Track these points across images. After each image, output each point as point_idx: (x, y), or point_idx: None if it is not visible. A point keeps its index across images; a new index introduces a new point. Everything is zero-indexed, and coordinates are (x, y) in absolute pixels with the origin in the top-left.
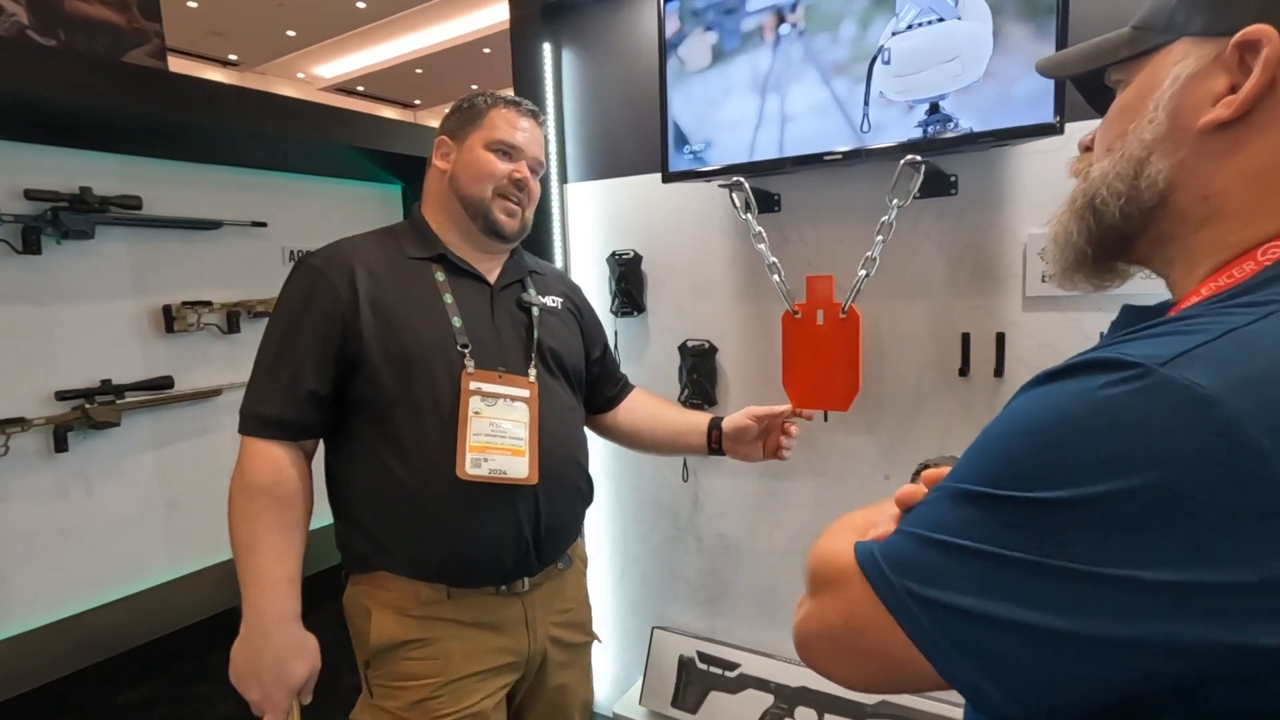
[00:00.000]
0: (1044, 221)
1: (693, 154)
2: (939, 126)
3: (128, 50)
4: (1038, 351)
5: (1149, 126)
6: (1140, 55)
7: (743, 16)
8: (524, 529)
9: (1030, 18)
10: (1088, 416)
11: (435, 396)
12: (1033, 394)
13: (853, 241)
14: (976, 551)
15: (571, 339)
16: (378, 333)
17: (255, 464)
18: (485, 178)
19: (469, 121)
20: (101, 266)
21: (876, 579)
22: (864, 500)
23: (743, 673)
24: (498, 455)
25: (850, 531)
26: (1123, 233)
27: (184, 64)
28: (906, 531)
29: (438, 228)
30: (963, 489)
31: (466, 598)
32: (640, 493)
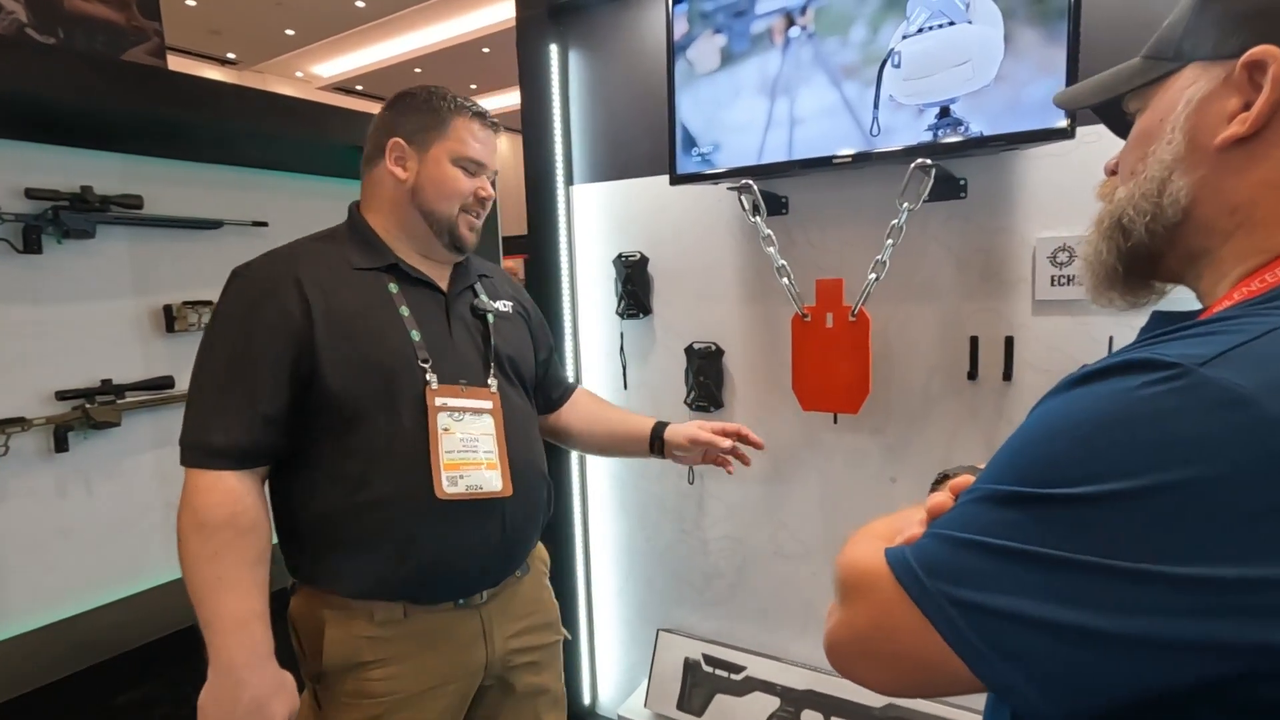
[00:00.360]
0: (1054, 225)
1: (701, 156)
2: (949, 130)
3: (127, 49)
4: (1047, 355)
5: (1167, 148)
6: (1152, 83)
7: (752, 19)
8: (491, 543)
9: (1041, 22)
10: (1126, 415)
11: (400, 414)
12: (1066, 396)
13: (861, 244)
14: (1014, 551)
15: (523, 343)
16: (337, 348)
17: (209, 497)
18: (454, 196)
19: (430, 128)
20: (102, 266)
21: (909, 582)
22: (870, 503)
23: (749, 675)
24: (472, 470)
25: (876, 539)
26: (1151, 249)
27: (182, 62)
28: (939, 534)
29: (387, 235)
30: (997, 490)
31: (423, 614)
32: (645, 495)
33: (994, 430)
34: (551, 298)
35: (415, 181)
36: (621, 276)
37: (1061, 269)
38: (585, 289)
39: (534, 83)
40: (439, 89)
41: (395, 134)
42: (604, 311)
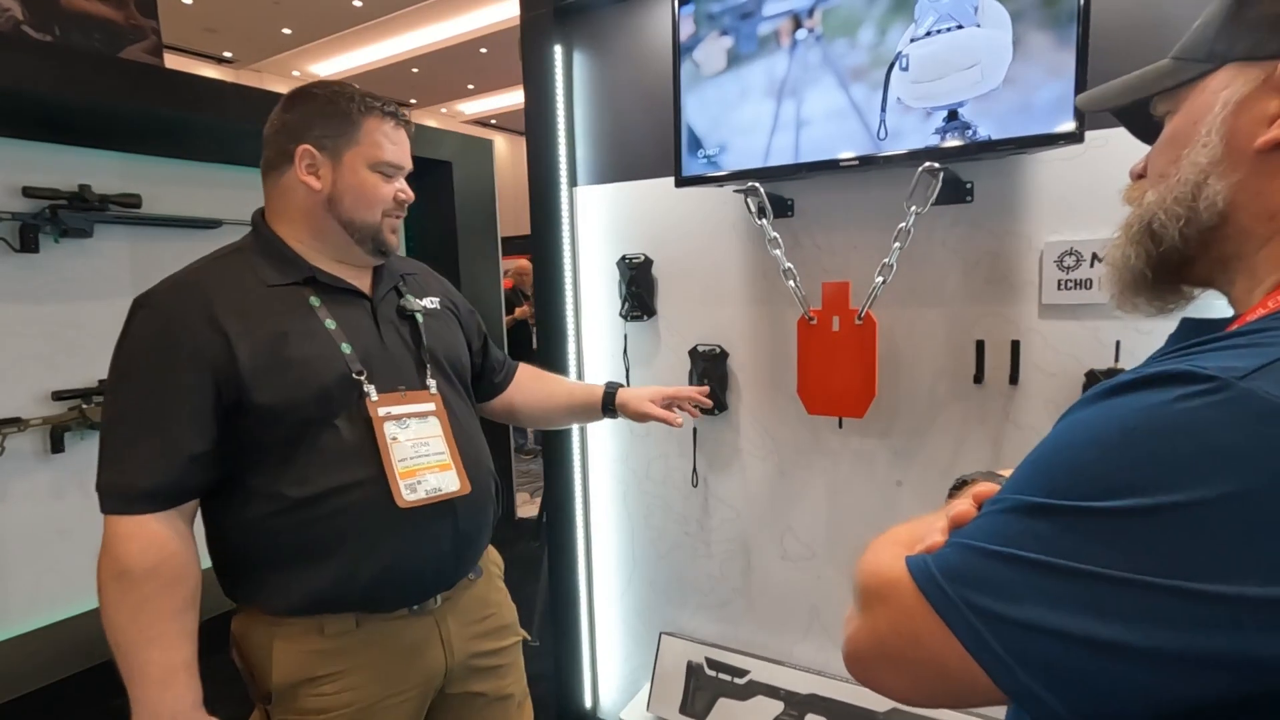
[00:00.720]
0: (1061, 229)
1: (706, 158)
2: (957, 134)
3: (124, 46)
4: (1053, 359)
5: (1203, 150)
6: (1184, 84)
7: (759, 21)
8: (444, 544)
9: (1050, 25)
10: (1163, 427)
11: (338, 433)
12: (1100, 406)
13: (866, 247)
14: (1043, 564)
15: (455, 339)
16: (264, 375)
17: (131, 545)
18: (375, 203)
19: (341, 133)
20: (100, 265)
21: (931, 590)
22: (876, 507)
23: (752, 679)
24: (429, 474)
25: (897, 546)
26: (1183, 254)
27: (178, 61)
28: (962, 544)
29: (299, 246)
30: (1025, 501)
31: (376, 623)
32: (648, 497)
33: (1000, 434)
34: (554, 300)
35: (331, 191)
36: (625, 278)
37: (1069, 273)
38: (588, 291)
39: (538, 84)
40: (341, 87)
41: (303, 140)
42: (607, 314)
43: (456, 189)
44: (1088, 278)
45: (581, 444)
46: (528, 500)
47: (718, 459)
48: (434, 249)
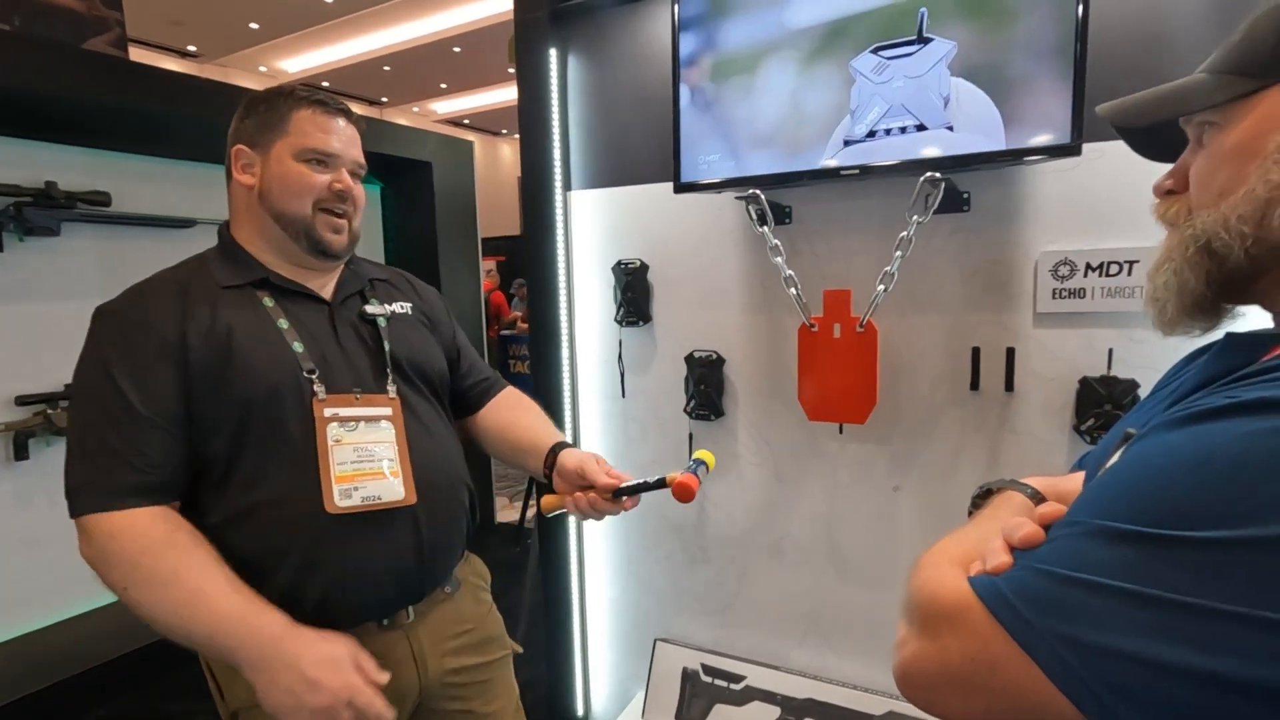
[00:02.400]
0: (1056, 239)
1: (705, 165)
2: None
3: (88, 38)
4: (1048, 366)
5: (1276, 169)
6: (1236, 99)
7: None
8: (404, 554)
9: (1044, 67)
10: (1268, 461)
11: (286, 434)
12: (1188, 432)
13: (865, 255)
14: (1136, 594)
15: (426, 345)
16: (207, 380)
17: (133, 530)
18: (303, 193)
19: (269, 127)
20: (67, 265)
21: (1007, 616)
22: (874, 512)
23: (749, 685)
24: (368, 481)
25: (954, 565)
26: (1247, 274)
27: (141, 54)
28: (1040, 569)
29: (253, 249)
30: (1110, 527)
31: None
32: (644, 503)
33: (997, 440)
34: (548, 305)
35: (261, 185)
36: (621, 284)
37: (1063, 282)
38: (583, 296)
39: (533, 87)
40: (285, 86)
41: (239, 141)
42: (602, 319)
43: (437, 189)
44: (1081, 287)
45: None
46: (507, 505)
47: (714, 465)
48: (414, 249)
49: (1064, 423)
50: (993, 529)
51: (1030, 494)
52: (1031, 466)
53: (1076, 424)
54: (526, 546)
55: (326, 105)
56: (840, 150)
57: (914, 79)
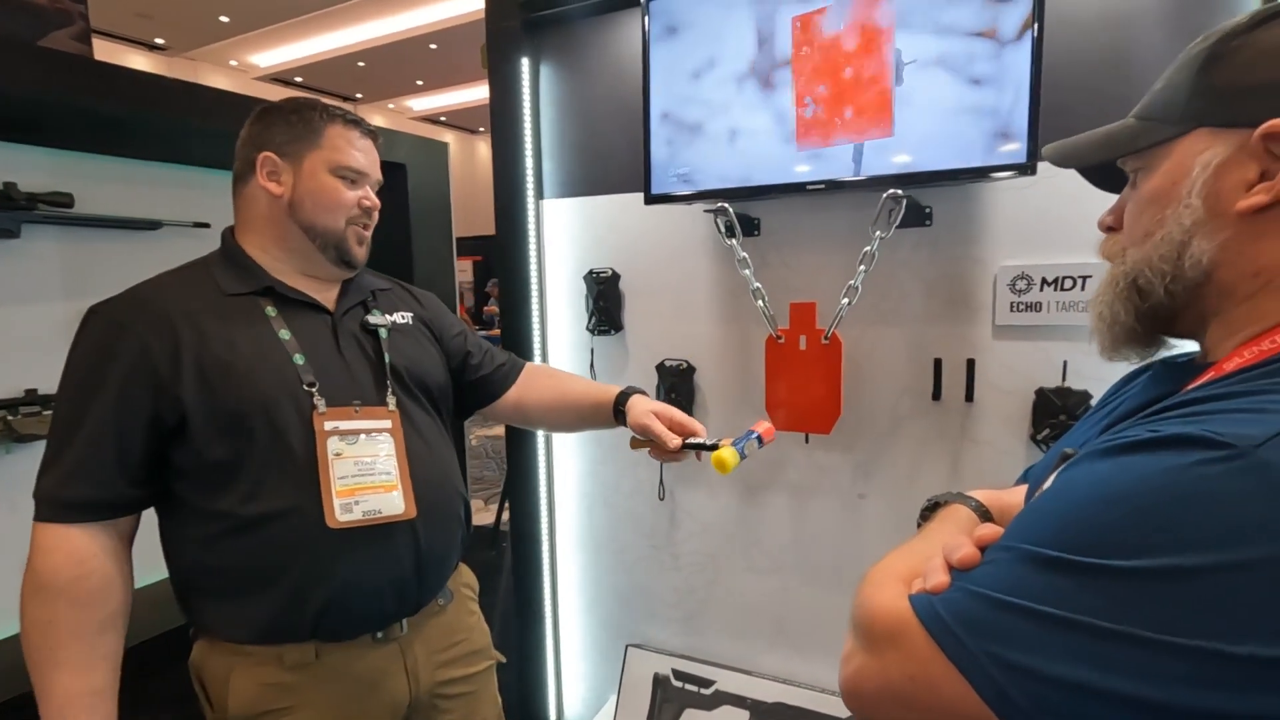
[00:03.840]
0: (1015, 254)
1: (676, 176)
2: None
3: (49, 31)
4: (1006, 377)
5: (1187, 212)
6: (1155, 145)
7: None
8: (404, 567)
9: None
10: (1185, 492)
11: (287, 446)
12: (1115, 463)
13: (831, 267)
14: (1061, 619)
15: (427, 355)
16: (202, 391)
17: (50, 558)
18: (338, 208)
19: (302, 138)
20: (29, 267)
21: (944, 638)
22: (840, 519)
23: (718, 689)
24: (369, 495)
25: (897, 581)
26: (1170, 309)
27: (107, 47)
28: (975, 591)
29: (263, 256)
30: (1040, 553)
31: (338, 652)
32: (615, 510)
33: (959, 449)
34: (521, 313)
35: (292, 196)
36: (593, 293)
37: (1020, 295)
38: (555, 305)
39: (505, 95)
40: (308, 99)
41: (265, 148)
42: (574, 328)
43: (411, 192)
44: (1038, 301)
45: (547, 457)
46: (482, 507)
47: (684, 473)
48: (388, 253)
49: (1021, 432)
50: (936, 545)
51: (975, 507)
52: (990, 475)
53: (1033, 434)
54: (502, 550)
55: (358, 124)
56: (807, 164)
57: None
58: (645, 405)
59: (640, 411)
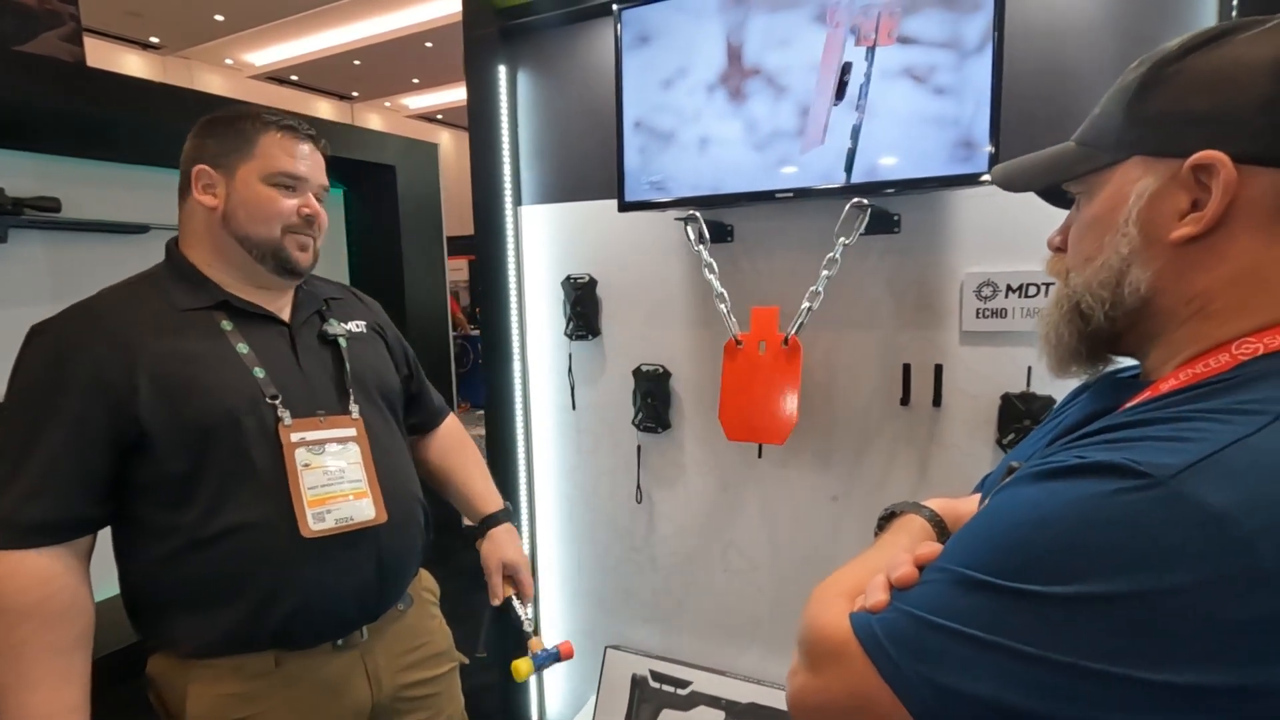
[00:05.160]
0: (980, 261)
1: (649, 184)
2: None
3: (40, 33)
4: (973, 382)
5: (1123, 240)
6: (1095, 171)
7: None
8: (367, 574)
9: (964, 95)
10: (1104, 520)
11: (250, 460)
12: (1040, 488)
13: (802, 273)
14: (986, 642)
15: (382, 363)
16: (163, 408)
17: (14, 582)
18: (272, 217)
19: (234, 149)
20: (15, 272)
21: (880, 659)
22: (814, 521)
23: (694, 690)
24: (340, 503)
25: (841, 598)
26: (1110, 332)
27: (99, 46)
28: (909, 612)
29: (210, 270)
30: (970, 576)
31: (298, 661)
32: (594, 513)
33: (927, 453)
34: (500, 318)
35: (225, 207)
36: (570, 298)
37: (986, 302)
38: (533, 310)
39: (483, 102)
40: (249, 108)
41: (200, 161)
42: (552, 333)
43: (400, 194)
44: (1003, 307)
45: (527, 460)
46: None
47: (662, 476)
48: (378, 254)
49: (988, 437)
50: (885, 559)
51: (929, 516)
52: (957, 478)
53: (999, 438)
54: None
55: (294, 130)
56: (778, 171)
57: None
58: (501, 548)
59: (492, 550)
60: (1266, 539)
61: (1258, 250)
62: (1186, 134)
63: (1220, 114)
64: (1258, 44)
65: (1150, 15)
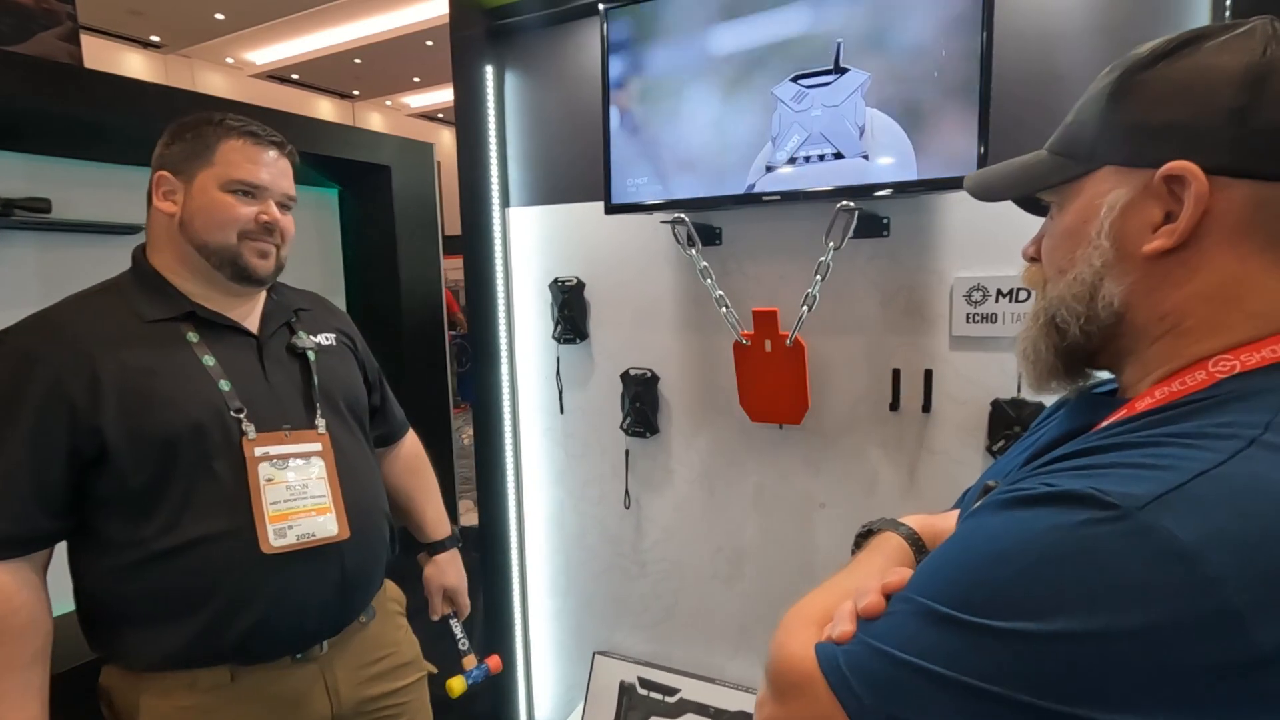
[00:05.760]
0: (970, 265)
1: (636, 186)
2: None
3: (36, 32)
4: (962, 388)
5: (1096, 253)
6: (1067, 181)
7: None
8: (328, 590)
9: (952, 99)
10: (1069, 553)
11: (213, 473)
12: (1006, 517)
13: (792, 277)
14: (949, 680)
15: (351, 376)
16: (125, 421)
17: None
18: (227, 224)
19: (194, 155)
20: (5, 274)
21: (844, 694)
22: (803, 528)
23: (683, 698)
24: (302, 518)
25: (810, 626)
26: (1087, 348)
27: (100, 44)
28: (874, 645)
29: (175, 277)
30: (934, 609)
31: (255, 674)
32: (583, 518)
33: (916, 460)
34: (488, 321)
35: (183, 214)
36: (558, 301)
37: (976, 307)
38: (521, 313)
39: (470, 104)
40: (213, 114)
41: (162, 167)
42: (540, 335)
43: (396, 194)
44: (993, 312)
45: (515, 465)
46: (471, 508)
47: (650, 481)
48: (373, 254)
49: (978, 443)
50: (858, 581)
51: (906, 534)
52: (946, 485)
53: (989, 444)
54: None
55: (257, 136)
56: (763, 176)
57: (831, 108)
58: (443, 574)
59: (435, 573)
60: (1239, 579)
61: (1230, 265)
62: (1158, 144)
63: (1190, 124)
64: (1227, 52)
65: (1142, 17)
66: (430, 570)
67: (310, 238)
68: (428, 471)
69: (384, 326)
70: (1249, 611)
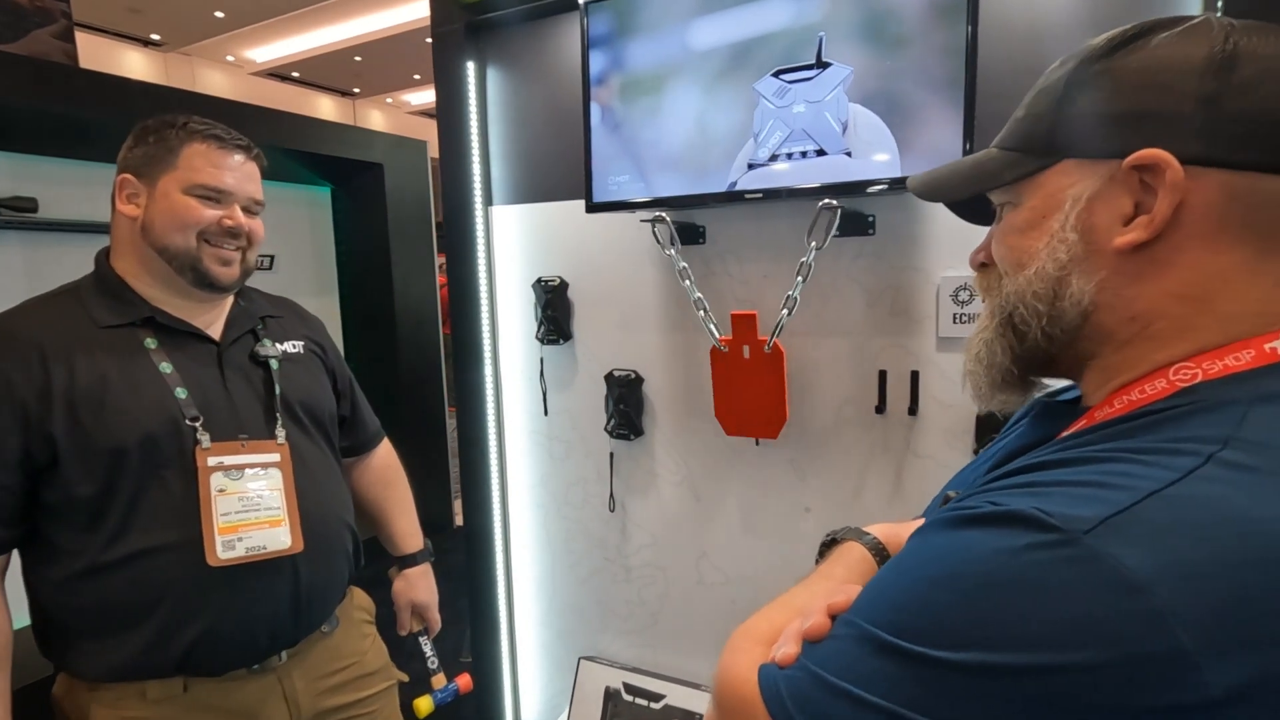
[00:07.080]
0: (956, 265)
1: (618, 183)
2: None
3: (30, 30)
4: (949, 391)
5: (1062, 247)
6: (1023, 178)
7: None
8: (281, 603)
9: (936, 92)
10: (1009, 581)
11: (164, 483)
12: (949, 537)
13: (775, 277)
14: (890, 711)
15: (318, 385)
16: (75, 428)
17: None
18: (187, 226)
19: (157, 159)
20: None
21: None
22: (787, 533)
23: (668, 704)
24: (253, 531)
25: (758, 645)
26: (1046, 353)
27: (99, 43)
28: (814, 671)
29: (137, 282)
30: (874, 635)
31: (208, 685)
32: (568, 522)
33: (902, 463)
34: (471, 321)
35: (144, 218)
36: (541, 301)
37: (963, 307)
38: (506, 313)
39: (451, 101)
40: (179, 117)
41: (125, 170)
42: (523, 336)
43: (389, 192)
44: (979, 312)
45: (500, 468)
46: None
47: (634, 484)
48: (366, 251)
49: (965, 446)
50: (812, 596)
51: (870, 544)
52: (933, 489)
53: (977, 448)
54: None
55: (221, 140)
56: (745, 174)
57: (814, 104)
58: (413, 589)
59: (404, 588)
60: (1188, 612)
61: (1203, 260)
62: (1124, 133)
63: (1158, 112)
64: (1188, 41)
65: (1131, 10)
66: (399, 585)
67: (303, 236)
68: (401, 483)
69: (378, 324)
70: (1199, 650)
